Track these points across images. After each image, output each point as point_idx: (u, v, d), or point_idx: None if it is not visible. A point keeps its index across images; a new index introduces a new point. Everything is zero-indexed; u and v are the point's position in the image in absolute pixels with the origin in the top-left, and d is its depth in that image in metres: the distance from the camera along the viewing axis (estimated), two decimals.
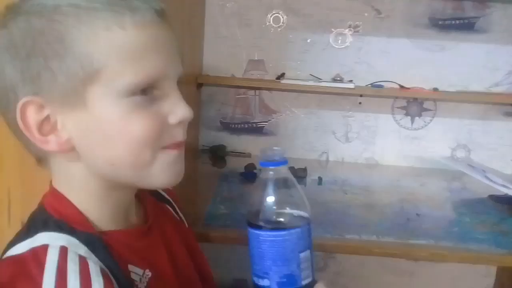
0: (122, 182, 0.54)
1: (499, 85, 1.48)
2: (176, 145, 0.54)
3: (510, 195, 1.13)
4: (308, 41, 1.48)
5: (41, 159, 0.55)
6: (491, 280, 1.58)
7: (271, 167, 0.53)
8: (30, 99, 0.48)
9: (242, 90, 1.52)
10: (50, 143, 0.50)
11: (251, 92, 1.52)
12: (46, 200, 0.55)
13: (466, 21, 1.45)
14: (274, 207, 0.52)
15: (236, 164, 1.35)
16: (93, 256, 0.49)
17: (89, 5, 0.47)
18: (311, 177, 1.32)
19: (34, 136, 0.49)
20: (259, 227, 0.52)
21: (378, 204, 1.15)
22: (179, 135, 0.54)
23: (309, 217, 0.54)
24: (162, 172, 0.53)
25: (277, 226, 0.51)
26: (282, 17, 1.46)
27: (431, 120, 1.53)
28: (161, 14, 0.51)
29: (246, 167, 1.32)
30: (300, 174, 1.31)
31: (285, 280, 0.52)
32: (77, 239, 0.49)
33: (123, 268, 0.52)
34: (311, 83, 1.40)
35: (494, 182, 1.16)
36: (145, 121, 0.50)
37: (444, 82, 1.48)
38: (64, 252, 0.47)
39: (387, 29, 1.46)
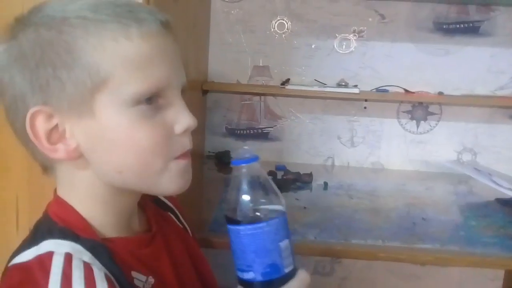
0: (129, 189, 0.55)
1: (504, 88, 1.47)
2: (185, 155, 0.55)
3: None
4: (313, 46, 1.48)
5: (47, 167, 0.56)
6: (499, 283, 1.57)
7: (243, 165, 0.55)
8: (39, 109, 0.49)
9: (247, 96, 1.52)
10: (59, 152, 0.51)
11: (256, 98, 1.53)
12: (50, 208, 0.56)
13: (470, 24, 1.45)
14: (251, 202, 0.54)
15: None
16: (97, 262, 0.50)
17: (96, 17, 0.49)
18: (317, 182, 1.32)
19: (43, 145, 0.50)
20: (239, 223, 0.54)
21: (384, 209, 1.15)
22: (186, 144, 0.55)
23: (284, 208, 0.56)
24: (172, 181, 0.54)
25: (255, 220, 0.53)
26: (287, 23, 1.47)
27: (436, 124, 1.52)
28: (166, 25, 0.53)
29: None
30: (305, 179, 1.31)
31: (268, 270, 0.53)
32: (82, 246, 0.50)
33: (126, 274, 0.53)
34: (316, 88, 1.40)
35: (501, 186, 1.16)
36: (150, 131, 0.51)
37: (449, 86, 1.48)
38: (69, 259, 0.47)
39: (391, 33, 1.46)
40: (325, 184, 1.31)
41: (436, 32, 1.46)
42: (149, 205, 0.66)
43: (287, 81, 1.47)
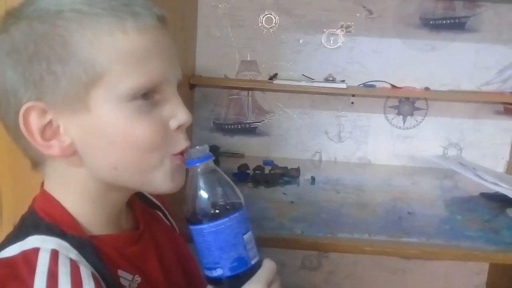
0: (122, 186, 0.54)
1: (489, 84, 1.49)
2: (180, 155, 0.54)
3: (501, 193, 1.14)
4: (301, 41, 1.48)
5: (38, 163, 0.54)
6: (484, 277, 1.59)
7: (197, 164, 0.54)
8: (33, 104, 0.48)
9: (235, 91, 1.52)
10: (53, 148, 0.49)
11: (244, 92, 1.52)
12: (37, 203, 0.54)
13: (457, 20, 1.46)
14: (210, 200, 0.54)
15: (229, 165, 1.36)
16: (83, 260, 0.49)
17: (91, 10, 0.47)
18: (304, 177, 1.32)
19: (37, 141, 0.49)
20: (201, 222, 0.54)
21: (370, 203, 1.16)
22: (182, 141, 0.54)
23: (242, 201, 0.56)
24: (165, 179, 0.53)
25: (217, 216, 0.53)
26: (275, 18, 1.47)
27: (422, 119, 1.54)
28: (162, 19, 0.52)
29: (239, 167, 1.32)
30: (293, 174, 1.32)
31: (236, 264, 0.54)
32: (68, 243, 0.49)
33: (112, 272, 0.52)
34: (303, 83, 1.40)
35: (485, 180, 1.18)
36: (147, 126, 0.50)
37: (436, 81, 1.49)
38: (55, 256, 0.47)
39: (379, 29, 1.47)
40: (313, 179, 1.31)
41: (423, 27, 1.46)
42: (137, 202, 0.65)
43: (275, 76, 1.47)
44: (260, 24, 1.47)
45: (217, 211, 0.54)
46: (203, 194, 0.55)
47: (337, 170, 1.49)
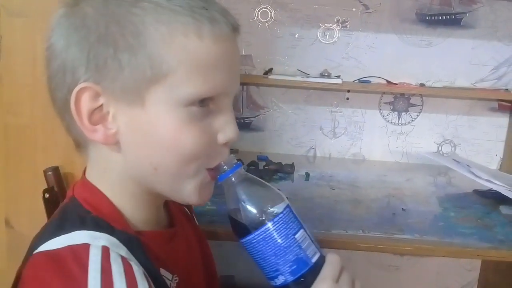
0: (155, 189, 0.53)
1: (484, 80, 1.49)
2: (214, 173, 0.53)
3: (494, 190, 1.14)
4: (296, 36, 1.47)
5: (80, 144, 0.53)
6: (476, 273, 1.60)
7: (229, 175, 0.53)
8: (89, 86, 0.47)
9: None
10: (97, 133, 0.48)
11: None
12: (78, 192, 0.53)
13: (453, 16, 1.45)
14: (249, 208, 0.52)
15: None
16: (133, 257, 0.47)
17: (170, 6, 0.46)
18: (298, 172, 1.32)
19: (83, 123, 0.48)
20: (248, 233, 0.52)
21: (364, 199, 1.16)
22: (223, 157, 0.53)
23: (285, 201, 0.54)
24: (194, 191, 0.52)
25: (260, 223, 0.51)
26: (270, 12, 1.46)
27: (417, 116, 1.53)
28: (235, 29, 0.51)
29: None
30: (287, 169, 1.31)
31: (295, 266, 0.51)
32: (117, 239, 0.47)
33: (157, 271, 0.51)
34: (298, 78, 1.39)
35: (479, 177, 1.17)
36: (196, 135, 0.49)
37: (431, 77, 1.49)
38: (107, 253, 0.45)
39: (375, 24, 1.46)
40: (307, 174, 1.30)
41: (419, 23, 1.46)
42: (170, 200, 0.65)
43: (270, 71, 1.46)
44: (255, 18, 1.46)
45: (260, 217, 0.52)
46: (242, 204, 0.53)
47: (332, 166, 1.48)
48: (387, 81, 1.46)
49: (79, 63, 0.47)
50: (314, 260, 0.52)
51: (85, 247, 0.44)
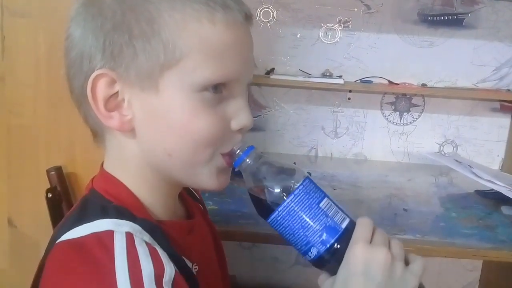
0: (171, 175, 0.53)
1: (486, 81, 1.49)
2: (228, 156, 0.53)
3: (496, 190, 1.14)
4: (298, 36, 1.47)
5: (97, 134, 0.54)
6: (477, 274, 1.60)
7: (244, 158, 0.53)
8: (105, 72, 0.47)
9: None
10: (113, 120, 0.49)
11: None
12: (98, 184, 0.53)
13: (455, 17, 1.45)
14: (271, 187, 0.52)
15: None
16: (156, 244, 0.47)
17: None
18: None
19: (99, 109, 0.49)
20: (272, 211, 0.51)
21: (366, 200, 1.16)
22: (236, 143, 0.53)
23: (303, 173, 0.54)
24: (211, 176, 0.53)
25: (282, 199, 0.51)
26: (272, 12, 1.46)
27: (419, 116, 1.53)
28: (249, 18, 0.52)
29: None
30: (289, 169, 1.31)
31: (325, 235, 0.50)
32: (140, 226, 0.47)
33: (181, 256, 0.51)
34: (300, 78, 1.39)
35: (480, 178, 1.17)
36: (209, 120, 0.49)
37: (433, 78, 1.49)
38: (131, 238, 0.45)
39: (377, 24, 1.46)
40: (308, 174, 1.30)
41: (421, 23, 1.46)
42: (184, 194, 0.65)
43: (271, 71, 1.46)
44: (257, 18, 1.46)
45: (281, 194, 0.51)
46: (261, 184, 0.52)
47: (333, 166, 1.49)
48: (388, 81, 1.46)
49: (96, 50, 0.48)
50: (343, 226, 0.51)
51: (109, 233, 0.45)
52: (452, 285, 1.61)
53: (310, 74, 1.45)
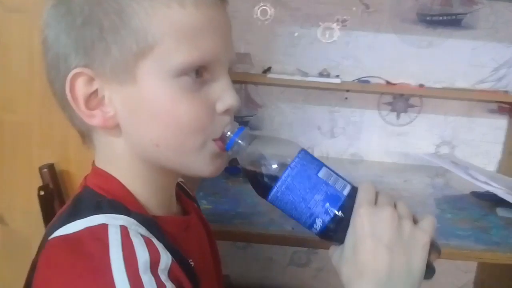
0: (164, 166, 0.52)
1: (484, 82, 1.49)
2: (220, 141, 0.52)
3: (492, 192, 1.14)
4: (296, 35, 1.47)
5: (85, 135, 0.53)
6: (472, 275, 1.60)
7: (235, 140, 0.51)
8: (81, 71, 0.47)
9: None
10: (96, 118, 0.48)
11: (237, 86, 1.51)
12: (91, 181, 0.52)
13: (453, 17, 1.45)
14: (264, 164, 0.51)
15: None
16: (152, 236, 0.46)
17: None
18: None
19: (81, 109, 0.48)
20: (271, 188, 0.50)
21: None
22: (226, 126, 0.52)
23: (298, 146, 0.52)
24: (206, 163, 0.52)
25: (280, 174, 0.49)
26: (270, 10, 1.45)
27: (416, 116, 1.53)
28: None
29: (230, 162, 1.31)
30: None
31: (328, 204, 0.49)
32: (135, 220, 0.47)
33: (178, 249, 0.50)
34: (297, 77, 1.39)
35: (476, 179, 1.17)
36: (193, 105, 0.48)
37: (430, 78, 1.48)
38: (126, 231, 0.44)
39: (375, 24, 1.45)
40: None
41: (420, 23, 1.45)
42: (179, 192, 0.64)
43: (268, 69, 1.45)
44: (255, 16, 1.45)
45: (277, 169, 0.50)
46: (256, 163, 0.51)
47: (329, 166, 1.48)
48: (386, 81, 1.46)
49: (69, 49, 0.47)
50: (345, 193, 0.50)
51: (103, 227, 0.44)
52: (447, 286, 1.61)
53: (307, 73, 1.44)
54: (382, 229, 0.46)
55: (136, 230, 0.45)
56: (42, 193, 0.91)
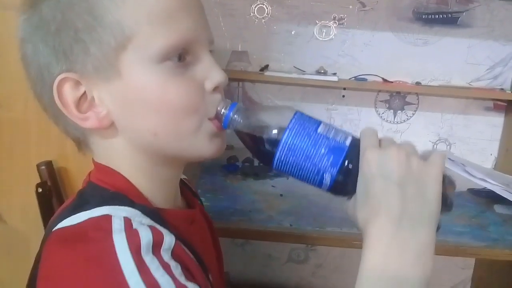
0: (166, 154, 0.52)
1: (480, 80, 1.49)
2: (216, 120, 0.52)
3: (489, 189, 1.14)
4: (293, 33, 1.47)
5: (81, 142, 0.53)
6: (469, 272, 1.61)
7: (230, 115, 0.52)
8: (65, 76, 0.47)
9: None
10: (90, 120, 0.48)
11: (234, 84, 1.51)
12: (94, 176, 0.52)
13: (449, 15, 1.45)
14: (264, 132, 0.51)
15: (218, 157, 1.34)
16: (157, 225, 0.46)
17: None
18: None
19: (73, 113, 0.48)
20: (274, 155, 0.50)
21: None
22: (219, 103, 0.52)
23: (291, 109, 0.52)
24: (205, 143, 0.52)
25: (279, 138, 0.50)
26: (267, 8, 1.45)
27: (413, 114, 1.54)
28: None
29: (228, 159, 1.31)
30: None
31: (332, 156, 0.49)
32: (139, 211, 0.47)
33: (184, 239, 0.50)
34: (294, 75, 1.39)
35: (473, 176, 1.18)
36: (181, 88, 0.49)
37: (427, 76, 1.49)
38: (129, 222, 0.44)
39: (371, 22, 1.45)
40: None
41: (416, 22, 1.46)
42: (185, 189, 0.65)
43: (265, 67, 1.45)
44: (252, 14, 1.45)
45: (276, 135, 0.50)
46: (255, 134, 0.51)
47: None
48: (383, 79, 1.46)
49: (49, 58, 0.47)
50: (348, 143, 0.50)
51: (107, 217, 0.44)
52: (445, 283, 1.62)
53: (304, 71, 1.45)
54: (390, 167, 0.45)
55: (140, 221, 0.45)
56: (40, 190, 0.90)
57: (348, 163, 0.49)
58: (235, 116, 0.52)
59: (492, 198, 1.14)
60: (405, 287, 0.42)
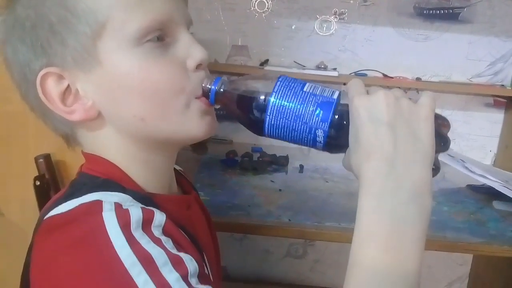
0: (157, 139, 0.52)
1: (480, 76, 1.49)
2: (205, 99, 0.52)
3: (488, 185, 1.14)
4: (293, 27, 1.46)
5: (69, 138, 0.53)
6: (467, 268, 1.61)
7: (216, 90, 0.51)
8: (47, 71, 0.47)
9: (225, 76, 1.49)
10: (76, 112, 0.48)
11: (234, 78, 1.50)
12: (85, 166, 0.52)
13: (451, 11, 1.45)
14: (251, 99, 0.50)
15: (217, 151, 1.34)
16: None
17: None
18: (293, 165, 1.31)
19: (59, 108, 0.47)
20: (264, 121, 0.50)
21: (358, 192, 1.16)
22: (204, 81, 0.51)
23: (275, 75, 0.52)
24: (196, 122, 0.51)
25: (266, 102, 0.49)
26: (267, 2, 1.44)
27: None
28: None
29: (227, 154, 1.31)
30: (281, 162, 1.31)
31: (321, 112, 0.48)
32: (130, 196, 0.47)
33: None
34: (294, 70, 1.38)
35: (473, 172, 1.17)
36: (164, 68, 0.48)
37: (427, 72, 1.48)
38: (120, 206, 0.44)
39: (372, 17, 1.45)
40: (301, 167, 1.30)
41: (417, 17, 1.45)
42: (181, 178, 0.65)
43: (265, 62, 1.45)
44: (252, 9, 1.44)
45: (263, 100, 0.49)
46: (242, 103, 0.51)
47: (326, 158, 1.47)
48: (383, 74, 1.46)
49: (29, 55, 0.47)
50: (335, 96, 0.49)
51: (98, 202, 0.44)
52: (442, 279, 1.62)
53: (304, 66, 1.44)
54: (379, 111, 0.44)
55: (131, 206, 0.45)
56: (38, 183, 0.90)
57: (338, 116, 0.48)
58: (221, 89, 0.51)
59: (491, 194, 1.14)
60: (402, 225, 0.42)
